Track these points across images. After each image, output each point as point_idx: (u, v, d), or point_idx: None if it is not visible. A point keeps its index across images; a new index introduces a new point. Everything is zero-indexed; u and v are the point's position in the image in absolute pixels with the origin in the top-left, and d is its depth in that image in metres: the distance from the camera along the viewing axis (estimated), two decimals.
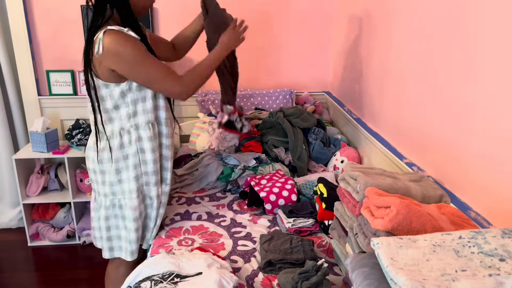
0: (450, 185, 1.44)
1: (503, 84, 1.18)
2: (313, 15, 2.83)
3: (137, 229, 1.60)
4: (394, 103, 1.90)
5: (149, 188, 1.62)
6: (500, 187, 1.20)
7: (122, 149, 1.55)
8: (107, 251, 1.66)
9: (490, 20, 1.22)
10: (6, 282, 2.37)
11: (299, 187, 1.91)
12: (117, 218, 1.63)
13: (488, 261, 0.81)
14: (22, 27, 2.58)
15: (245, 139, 2.28)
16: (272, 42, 2.86)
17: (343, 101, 2.67)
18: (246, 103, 2.83)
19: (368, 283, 0.87)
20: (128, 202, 1.58)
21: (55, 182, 2.71)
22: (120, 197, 1.59)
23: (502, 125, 1.18)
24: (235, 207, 1.91)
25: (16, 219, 2.88)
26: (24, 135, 2.87)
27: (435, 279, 0.76)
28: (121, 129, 1.53)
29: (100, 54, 1.38)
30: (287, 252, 1.46)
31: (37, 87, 2.73)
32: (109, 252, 1.66)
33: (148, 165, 1.58)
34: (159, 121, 1.61)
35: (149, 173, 1.59)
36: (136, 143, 1.55)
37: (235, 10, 2.79)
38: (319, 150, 2.27)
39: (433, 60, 1.54)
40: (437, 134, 1.53)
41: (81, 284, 2.35)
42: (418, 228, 1.02)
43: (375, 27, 2.09)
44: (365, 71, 2.25)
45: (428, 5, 1.58)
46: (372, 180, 1.21)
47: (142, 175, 1.59)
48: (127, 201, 1.58)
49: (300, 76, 2.97)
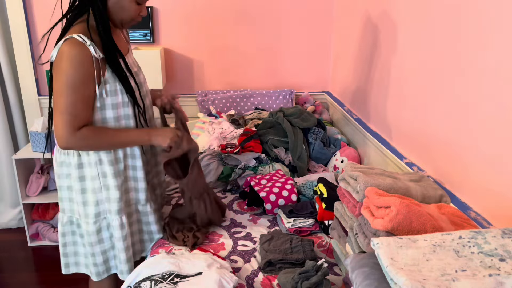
0: (450, 185, 1.44)
1: (503, 84, 1.18)
2: (313, 15, 2.83)
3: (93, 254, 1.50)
4: (394, 103, 1.90)
5: (111, 216, 1.47)
6: (500, 187, 1.20)
7: (80, 169, 1.43)
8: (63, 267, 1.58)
9: (491, 21, 1.22)
10: (6, 282, 2.37)
11: (299, 187, 1.91)
12: (74, 235, 1.53)
13: (488, 261, 0.81)
14: (22, 27, 2.58)
15: (245, 139, 2.28)
16: (272, 42, 2.87)
17: (343, 101, 2.67)
18: (246, 103, 2.83)
19: (368, 283, 0.87)
20: (83, 225, 1.48)
21: (55, 182, 2.71)
22: (77, 216, 1.50)
23: (502, 125, 1.18)
24: (235, 207, 1.91)
25: (16, 219, 2.88)
26: (24, 135, 2.87)
27: (435, 279, 0.76)
28: None
29: (52, 60, 1.31)
30: (287, 252, 1.46)
31: (37, 87, 2.73)
32: (65, 269, 1.59)
33: (110, 190, 1.44)
34: None
35: (111, 200, 1.45)
36: (97, 165, 1.42)
37: (235, 10, 2.80)
38: (319, 150, 2.27)
39: (433, 60, 1.54)
40: (437, 134, 1.53)
41: (81, 284, 2.34)
42: (418, 228, 1.02)
43: (375, 27, 2.09)
44: (365, 71, 2.25)
45: (428, 5, 1.58)
46: (372, 180, 1.21)
47: (104, 201, 1.46)
48: (83, 224, 1.48)
49: (300, 76, 2.97)
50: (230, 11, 2.77)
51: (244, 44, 2.86)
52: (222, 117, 2.60)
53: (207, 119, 2.58)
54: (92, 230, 1.47)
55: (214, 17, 2.76)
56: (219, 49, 2.84)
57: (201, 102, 2.79)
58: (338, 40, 2.78)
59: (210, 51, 2.84)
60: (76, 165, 1.42)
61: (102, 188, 1.45)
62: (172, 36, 2.79)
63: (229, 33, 2.81)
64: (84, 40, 1.28)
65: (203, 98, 2.80)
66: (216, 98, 2.80)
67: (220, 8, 2.75)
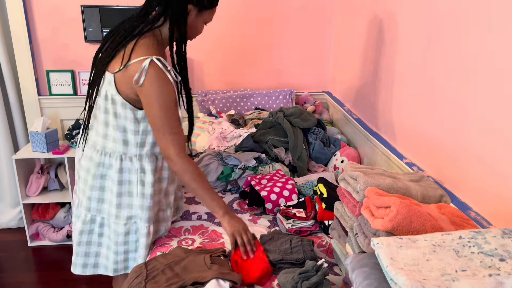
0: (450, 185, 1.44)
1: (502, 85, 1.18)
2: (313, 15, 2.83)
3: (116, 252, 1.52)
4: (394, 103, 1.90)
5: (141, 223, 1.51)
6: (500, 187, 1.20)
7: (120, 174, 1.47)
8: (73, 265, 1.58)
9: (490, 23, 1.22)
10: (6, 282, 2.37)
11: (299, 187, 1.91)
12: (91, 234, 1.55)
13: (488, 261, 0.81)
14: (22, 27, 2.58)
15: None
16: (272, 42, 2.87)
17: (343, 101, 2.67)
18: (246, 103, 2.83)
19: (368, 283, 0.87)
20: (113, 225, 1.51)
21: (55, 182, 2.72)
22: (104, 216, 1.52)
23: (502, 125, 1.18)
24: (235, 207, 1.91)
25: (16, 219, 2.88)
26: (24, 135, 2.87)
27: (435, 279, 0.76)
28: (124, 153, 1.46)
29: (140, 84, 1.32)
30: (287, 252, 1.45)
31: (37, 87, 2.73)
32: (73, 267, 1.59)
33: (145, 199, 1.49)
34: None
35: (144, 207, 1.49)
36: (137, 173, 1.47)
37: (235, 10, 2.80)
38: (319, 150, 2.27)
39: (433, 61, 1.54)
40: (437, 134, 1.53)
41: (81, 284, 2.35)
42: (418, 228, 1.02)
43: (375, 27, 2.09)
44: (365, 71, 2.25)
45: (428, 6, 1.58)
46: (372, 180, 1.21)
47: (137, 207, 1.50)
48: (112, 224, 1.51)
49: (300, 76, 2.97)
50: (230, 11, 2.77)
51: (244, 44, 2.86)
52: (222, 117, 2.60)
53: (207, 119, 2.58)
54: (122, 231, 1.50)
55: (214, 17, 2.75)
56: (219, 49, 2.84)
57: (201, 102, 2.79)
58: (338, 40, 2.78)
59: (210, 51, 2.84)
60: (117, 169, 1.46)
61: (138, 195, 1.49)
62: None
63: (229, 33, 2.81)
64: (165, 64, 1.34)
65: (203, 98, 2.80)
66: (216, 98, 2.80)
67: (220, 8, 2.74)
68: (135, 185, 1.48)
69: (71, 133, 2.66)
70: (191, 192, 1.47)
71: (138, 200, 1.49)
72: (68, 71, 2.72)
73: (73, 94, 2.76)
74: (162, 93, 1.33)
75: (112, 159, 1.46)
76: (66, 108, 2.79)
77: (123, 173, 1.47)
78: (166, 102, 1.35)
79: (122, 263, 1.56)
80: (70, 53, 2.70)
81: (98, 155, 1.47)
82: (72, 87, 2.75)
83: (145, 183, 1.48)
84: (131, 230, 1.53)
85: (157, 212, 1.58)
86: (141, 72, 1.31)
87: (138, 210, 1.50)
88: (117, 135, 1.44)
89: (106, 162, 1.47)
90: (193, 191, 1.48)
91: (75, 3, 2.61)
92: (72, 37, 2.66)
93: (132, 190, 1.49)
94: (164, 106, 1.35)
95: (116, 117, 1.42)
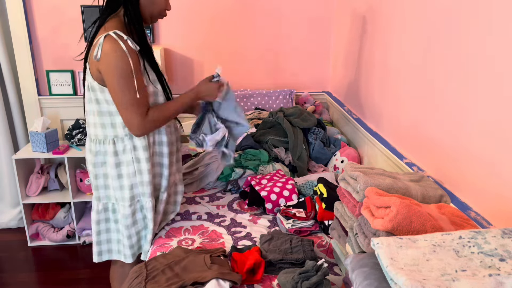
0: (450, 185, 1.44)
1: (502, 85, 1.18)
2: (313, 15, 2.83)
3: (129, 236, 1.58)
4: (394, 103, 1.90)
5: (145, 199, 1.58)
6: (500, 187, 1.20)
7: (116, 157, 1.52)
8: (96, 255, 1.64)
9: (490, 22, 1.22)
10: (6, 282, 2.37)
11: (299, 187, 1.91)
12: (108, 222, 1.61)
13: (488, 261, 0.81)
14: (22, 27, 2.58)
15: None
16: (272, 42, 2.87)
17: (343, 101, 2.67)
18: (246, 103, 2.83)
19: (368, 283, 0.87)
20: (121, 209, 1.57)
21: (55, 182, 2.71)
22: (113, 201, 1.59)
23: (502, 125, 1.18)
24: (235, 207, 1.91)
25: (16, 219, 2.88)
26: (24, 135, 2.87)
27: (435, 279, 0.76)
28: (115, 136, 1.51)
29: (98, 59, 1.37)
30: (287, 252, 1.45)
31: (37, 87, 2.73)
32: (98, 257, 1.64)
33: (143, 175, 1.54)
34: (158, 130, 1.58)
35: (144, 183, 1.55)
36: (131, 152, 1.52)
37: (235, 10, 2.80)
38: (319, 150, 2.27)
39: (433, 61, 1.54)
40: (437, 134, 1.53)
41: (81, 284, 2.35)
42: (418, 228, 1.02)
43: (376, 27, 2.09)
44: (365, 71, 2.25)
45: (428, 5, 1.58)
46: (372, 180, 1.21)
47: (137, 184, 1.56)
48: (120, 208, 1.57)
49: (300, 76, 2.97)
50: (230, 11, 2.77)
51: (244, 44, 2.87)
52: None
53: None
54: (128, 212, 1.56)
55: (214, 17, 2.76)
56: (219, 49, 2.84)
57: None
58: (338, 40, 2.78)
59: (210, 51, 2.84)
60: (112, 153, 1.52)
61: (136, 173, 1.55)
62: (172, 36, 2.79)
63: (229, 33, 2.81)
64: (121, 35, 1.36)
65: None
66: None
67: (220, 8, 2.75)
68: (131, 165, 1.54)
69: (71, 133, 2.66)
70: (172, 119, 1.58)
71: (137, 178, 1.55)
72: (68, 71, 2.72)
73: (73, 94, 2.76)
74: (117, 65, 1.36)
75: (106, 145, 1.52)
76: (66, 108, 2.79)
77: (118, 155, 1.53)
78: (124, 72, 1.38)
79: (137, 245, 1.63)
80: (70, 53, 2.70)
81: (94, 145, 1.54)
82: (72, 87, 2.75)
83: (140, 160, 1.53)
84: (137, 209, 1.59)
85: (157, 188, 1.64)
86: (98, 47, 1.36)
87: (139, 187, 1.56)
88: (103, 120, 1.49)
89: (102, 149, 1.53)
90: (171, 118, 1.54)
91: (75, 3, 2.61)
92: (72, 37, 2.66)
93: (129, 171, 1.54)
94: (121, 76, 1.38)
95: (99, 103, 1.48)
